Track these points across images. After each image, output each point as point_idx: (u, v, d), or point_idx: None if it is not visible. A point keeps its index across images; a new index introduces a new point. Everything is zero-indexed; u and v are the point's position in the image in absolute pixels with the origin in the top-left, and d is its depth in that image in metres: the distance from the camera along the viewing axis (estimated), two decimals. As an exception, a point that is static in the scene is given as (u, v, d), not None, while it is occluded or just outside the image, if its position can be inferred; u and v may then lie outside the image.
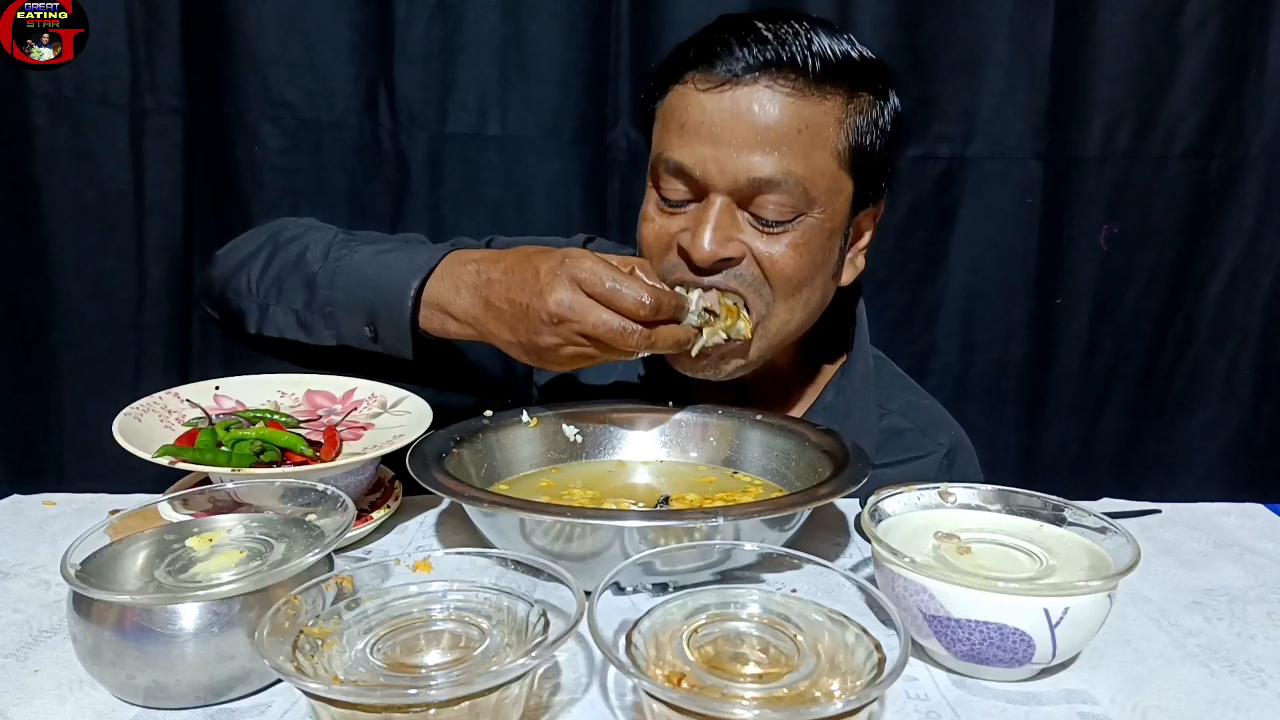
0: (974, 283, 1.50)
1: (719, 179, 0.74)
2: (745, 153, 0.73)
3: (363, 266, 0.78)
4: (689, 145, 0.75)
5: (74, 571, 0.47)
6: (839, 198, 0.78)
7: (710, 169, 0.74)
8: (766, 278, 0.77)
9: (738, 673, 0.43)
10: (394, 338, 0.76)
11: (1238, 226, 1.49)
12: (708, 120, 0.74)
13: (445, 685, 0.40)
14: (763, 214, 0.75)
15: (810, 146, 0.74)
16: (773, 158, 0.73)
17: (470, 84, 1.36)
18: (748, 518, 0.56)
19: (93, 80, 1.29)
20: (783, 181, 0.73)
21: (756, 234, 0.76)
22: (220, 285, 0.86)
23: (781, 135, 0.73)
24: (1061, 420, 1.56)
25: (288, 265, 0.82)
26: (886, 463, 0.87)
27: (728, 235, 0.75)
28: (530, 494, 0.71)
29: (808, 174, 0.74)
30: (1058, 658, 0.49)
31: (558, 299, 0.67)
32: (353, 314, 0.77)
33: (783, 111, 0.73)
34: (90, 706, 0.47)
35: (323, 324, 0.79)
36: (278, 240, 0.86)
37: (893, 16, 1.38)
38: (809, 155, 0.74)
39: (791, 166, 0.73)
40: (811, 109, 0.74)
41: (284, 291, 0.81)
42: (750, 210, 0.76)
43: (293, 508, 0.57)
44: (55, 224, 1.32)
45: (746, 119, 0.73)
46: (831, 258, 0.81)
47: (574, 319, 0.67)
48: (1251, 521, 0.76)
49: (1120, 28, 1.40)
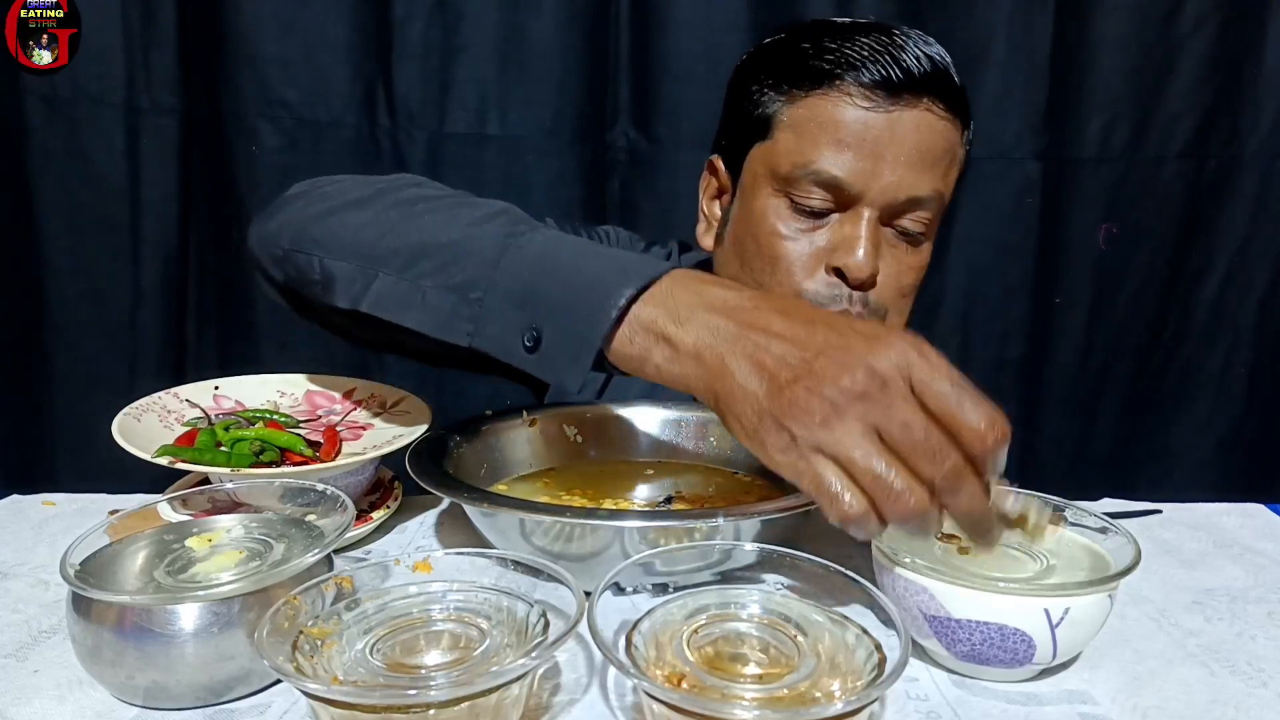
0: (972, 282, 1.50)
1: (878, 195, 0.74)
2: (906, 171, 0.73)
3: (550, 251, 0.57)
4: (845, 158, 0.73)
5: (73, 572, 0.47)
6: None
7: (871, 184, 0.73)
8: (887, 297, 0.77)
9: (738, 673, 0.43)
10: (564, 356, 0.53)
11: (1234, 226, 1.49)
12: (870, 137, 0.73)
13: (445, 686, 0.39)
14: (904, 227, 0.76)
15: (950, 167, 0.77)
16: (927, 177, 0.74)
17: (469, 83, 1.36)
18: (748, 518, 0.56)
19: (88, 79, 1.28)
20: (932, 199, 0.75)
21: (891, 249, 0.77)
22: (294, 235, 0.66)
23: (936, 156, 0.75)
24: (1059, 419, 1.56)
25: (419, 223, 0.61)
26: None
27: (877, 253, 0.75)
28: (530, 494, 0.71)
29: (946, 191, 0.77)
30: (1058, 658, 0.49)
31: (891, 360, 0.46)
32: (514, 309, 0.55)
33: (940, 135, 0.75)
34: (90, 707, 0.47)
35: (461, 310, 0.56)
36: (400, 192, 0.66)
37: (892, 17, 1.38)
38: (948, 175, 0.77)
39: (939, 186, 0.76)
40: (955, 133, 0.77)
41: (411, 257, 0.59)
42: (893, 224, 0.76)
43: (292, 508, 0.57)
44: (50, 224, 1.32)
45: (911, 139, 0.73)
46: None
47: (888, 401, 0.45)
48: (1251, 521, 0.76)
49: (1118, 28, 1.41)
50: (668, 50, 1.33)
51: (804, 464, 0.46)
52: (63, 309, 1.35)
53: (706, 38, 1.32)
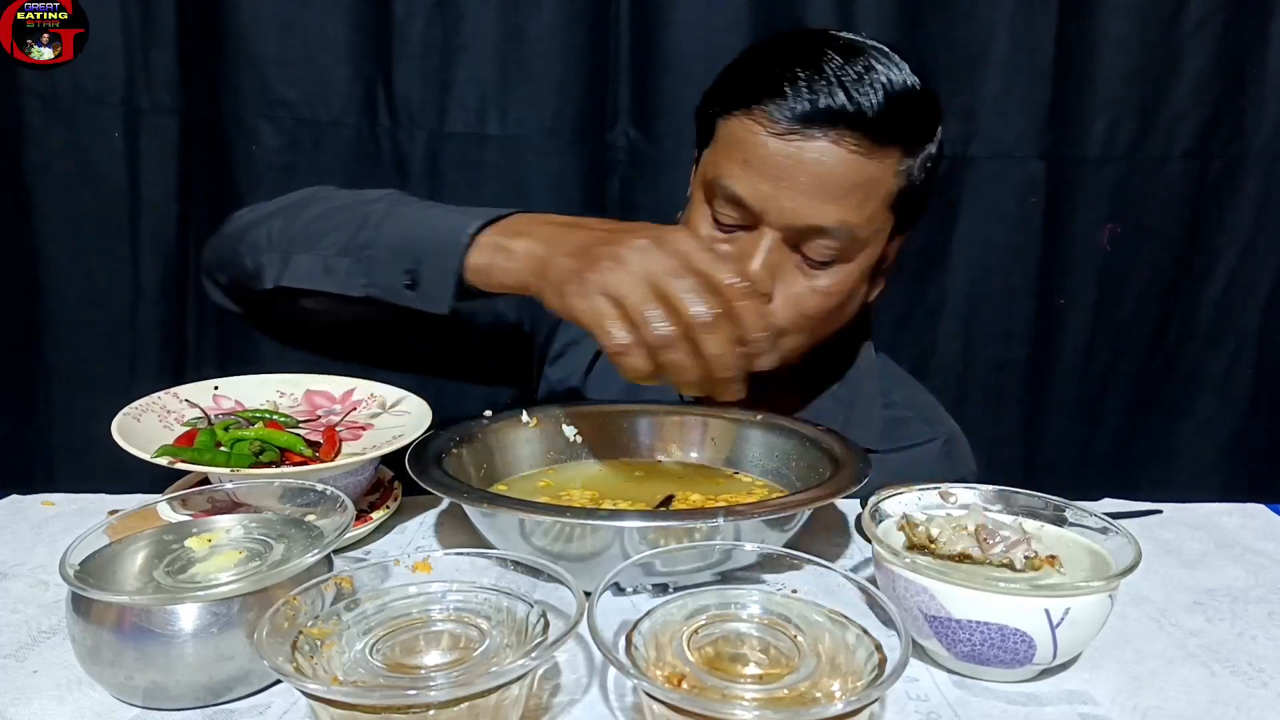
0: (975, 283, 1.50)
1: (776, 218, 0.76)
2: (805, 199, 0.75)
3: (417, 213, 0.74)
4: (751, 181, 0.76)
5: (73, 572, 0.47)
6: (880, 235, 0.81)
7: (769, 207, 0.76)
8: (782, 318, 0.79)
9: (738, 673, 0.43)
10: (435, 285, 0.69)
11: (1238, 226, 1.49)
12: (771, 162, 0.75)
13: (445, 686, 0.39)
14: (809, 254, 0.78)
15: (866, 198, 0.77)
16: (830, 208, 0.75)
17: (469, 83, 1.36)
18: (748, 518, 0.56)
19: (87, 79, 1.28)
20: (836, 230, 0.76)
21: (796, 272, 0.79)
22: (232, 243, 0.81)
23: (842, 189, 0.75)
24: (1063, 420, 1.56)
25: (324, 212, 0.77)
26: (890, 449, 0.89)
27: (772, 274, 0.78)
28: (529, 494, 0.71)
29: (858, 222, 0.77)
30: (1058, 658, 0.49)
31: (675, 235, 0.61)
32: (394, 256, 0.71)
33: (846, 167, 0.75)
34: (89, 707, 0.47)
35: (357, 269, 0.72)
36: (310, 197, 0.81)
37: (893, 16, 1.38)
38: (863, 205, 0.77)
39: (847, 217, 0.76)
40: (873, 165, 0.76)
41: (315, 237, 0.75)
42: (800, 249, 0.78)
43: (292, 508, 0.57)
44: (49, 224, 1.32)
45: (811, 169, 0.74)
46: (861, 290, 0.84)
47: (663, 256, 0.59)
48: (1252, 521, 0.76)
49: (1121, 27, 1.40)
50: (668, 50, 1.33)
51: (588, 302, 0.59)
52: (62, 309, 1.35)
53: (706, 38, 1.31)
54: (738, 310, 0.59)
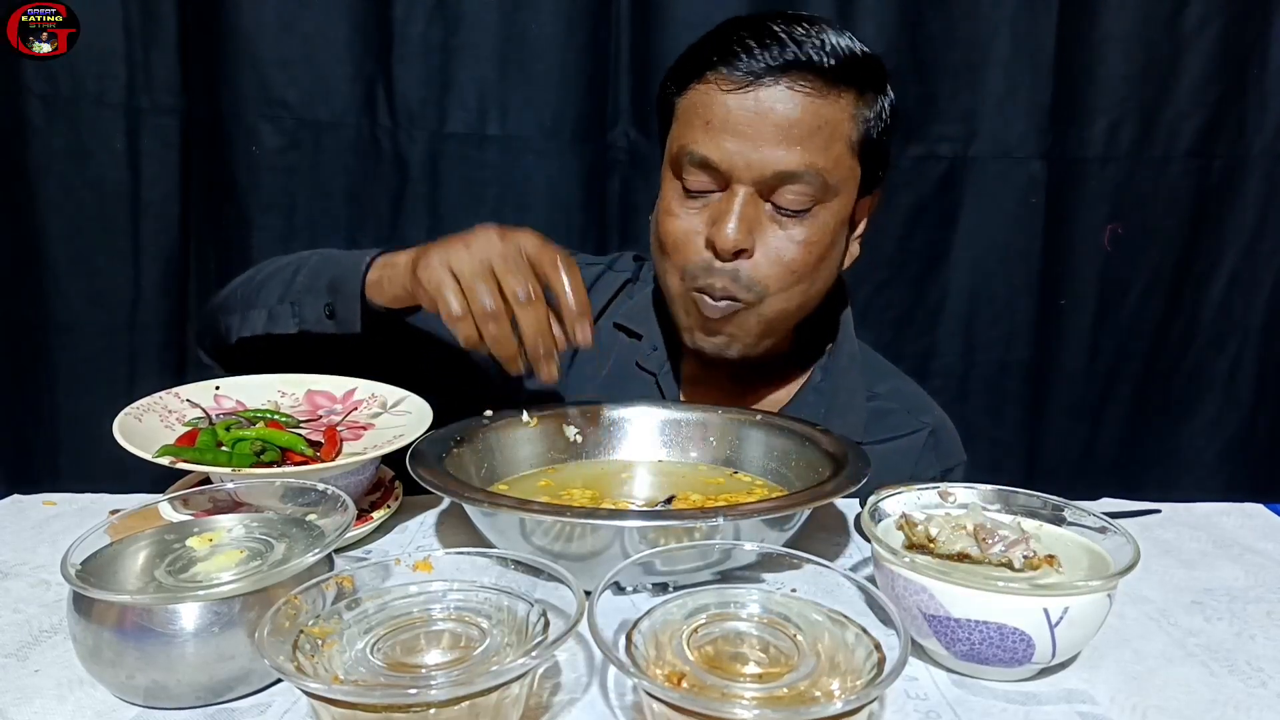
0: (976, 283, 1.50)
1: (745, 172, 0.79)
2: (769, 147, 0.78)
3: (335, 257, 0.83)
4: (715, 141, 0.79)
5: (74, 571, 0.47)
6: (851, 184, 0.83)
7: (736, 162, 0.79)
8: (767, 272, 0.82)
9: (738, 672, 0.43)
10: (345, 309, 0.79)
11: (1239, 226, 1.49)
12: (732, 118, 0.79)
13: (445, 685, 0.39)
14: (783, 203, 0.80)
15: (829, 140, 0.79)
16: (795, 151, 0.78)
17: (469, 83, 1.36)
18: (747, 518, 0.56)
19: (89, 79, 1.29)
20: (804, 174, 0.79)
21: (772, 224, 0.81)
22: (210, 314, 0.92)
23: (803, 131, 0.78)
24: (1063, 421, 1.55)
25: (268, 275, 0.87)
26: (875, 440, 0.90)
27: (750, 226, 0.80)
28: (530, 494, 0.71)
29: (826, 165, 0.79)
30: (1057, 657, 0.49)
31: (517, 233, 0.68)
32: (316, 295, 0.81)
33: (803, 110, 0.78)
34: (90, 706, 0.47)
35: (289, 311, 0.82)
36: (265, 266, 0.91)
37: (894, 16, 1.38)
38: (827, 148, 0.79)
39: (813, 159, 0.79)
40: (829, 106, 0.79)
41: (260, 294, 0.85)
42: (772, 200, 0.81)
43: (293, 508, 0.57)
44: (51, 224, 1.32)
45: (770, 117, 0.78)
46: (839, 245, 0.86)
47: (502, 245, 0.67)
48: (1251, 521, 0.76)
49: (1122, 27, 1.40)
50: (668, 50, 1.33)
51: (431, 274, 0.67)
52: (64, 309, 1.35)
53: (707, 38, 1.32)
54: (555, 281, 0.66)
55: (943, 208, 1.47)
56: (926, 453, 0.92)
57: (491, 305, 0.65)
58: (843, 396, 0.91)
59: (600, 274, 1.01)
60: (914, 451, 0.91)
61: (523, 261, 0.66)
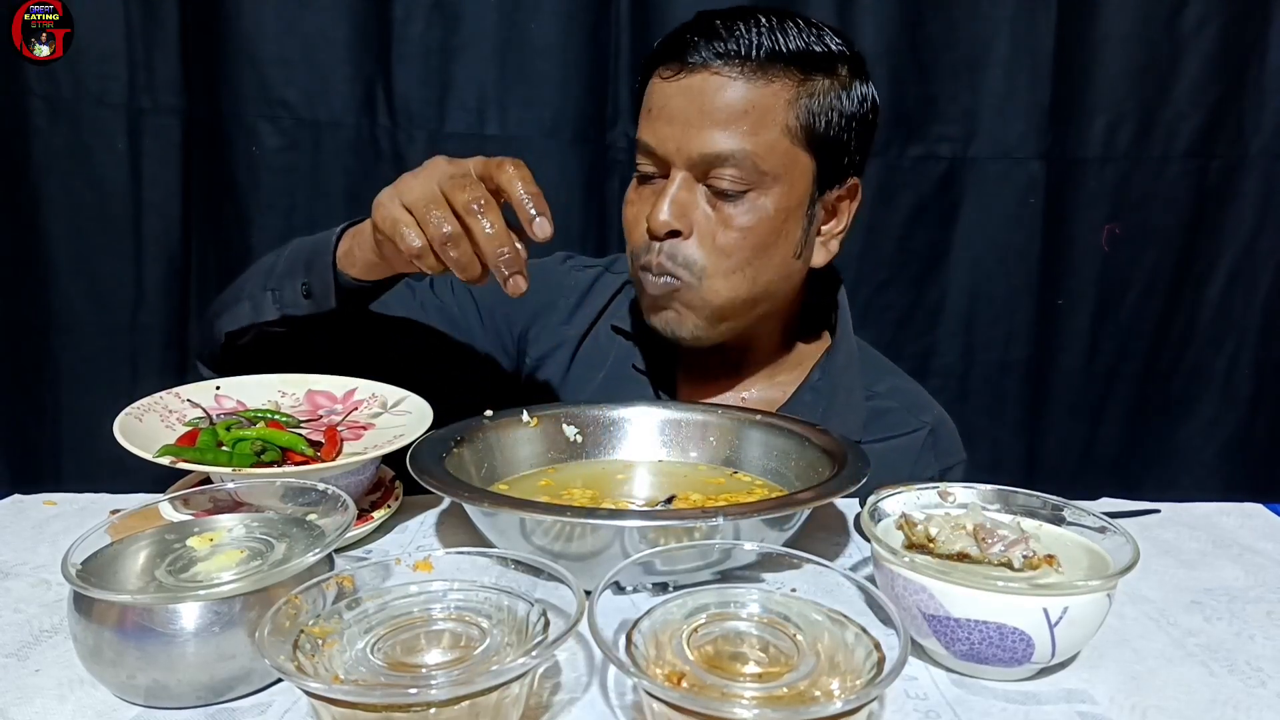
0: (975, 283, 1.50)
1: (676, 155, 0.82)
2: (698, 130, 0.81)
3: (300, 242, 0.84)
4: (652, 127, 0.84)
5: (75, 571, 0.47)
6: (796, 173, 0.83)
7: (669, 146, 0.82)
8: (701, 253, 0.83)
9: (737, 672, 0.43)
10: (322, 287, 0.79)
11: (1238, 226, 1.49)
12: (667, 104, 0.82)
13: (445, 685, 0.40)
14: (719, 186, 0.82)
15: (758, 125, 0.80)
16: (723, 134, 0.80)
17: (469, 83, 1.36)
18: (747, 517, 0.56)
19: (90, 80, 1.29)
20: (732, 155, 0.80)
21: (708, 207, 0.83)
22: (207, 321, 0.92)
23: (729, 115, 0.80)
24: (1062, 420, 1.56)
25: (252, 270, 0.88)
26: (874, 439, 0.90)
27: (682, 210, 0.82)
28: (530, 494, 0.71)
29: (756, 149, 0.80)
30: (1057, 657, 0.49)
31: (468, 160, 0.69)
32: (292, 277, 0.81)
33: (729, 94, 0.80)
34: (91, 706, 0.47)
35: (270, 297, 0.82)
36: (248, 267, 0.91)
37: (894, 16, 1.38)
38: (757, 132, 0.80)
39: (742, 143, 0.80)
40: (757, 91, 0.80)
41: (245, 287, 0.86)
42: (707, 183, 0.82)
43: (293, 507, 0.57)
44: (52, 224, 1.32)
45: (697, 101, 0.81)
46: (789, 236, 0.86)
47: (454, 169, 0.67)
48: (1251, 521, 0.76)
49: (1121, 28, 1.41)
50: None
51: (386, 212, 0.67)
52: (65, 309, 1.35)
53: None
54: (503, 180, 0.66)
55: (942, 208, 1.47)
56: (926, 451, 0.92)
57: (449, 229, 0.64)
58: (841, 395, 0.91)
59: (597, 276, 1.01)
60: (913, 450, 0.92)
61: (471, 178, 0.66)
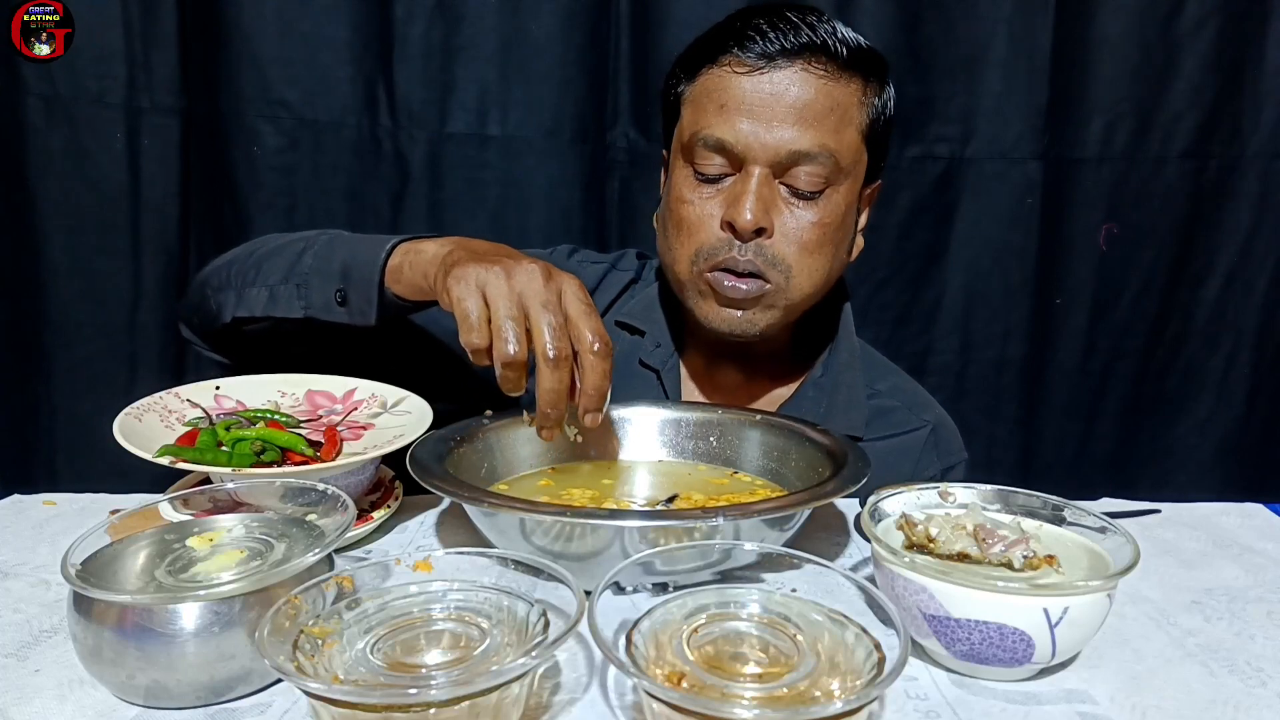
0: (973, 282, 1.50)
1: (760, 152, 0.80)
2: (783, 128, 0.80)
3: (351, 240, 0.79)
4: (729, 123, 0.80)
5: (74, 571, 0.47)
6: (859, 170, 0.85)
7: (751, 143, 0.80)
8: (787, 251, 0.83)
9: (737, 672, 0.43)
10: (361, 299, 0.75)
11: (1234, 227, 1.49)
12: (747, 100, 0.80)
13: (445, 685, 0.40)
14: (797, 184, 0.81)
15: (841, 123, 0.81)
16: (809, 133, 0.80)
17: (470, 84, 1.36)
18: (747, 517, 0.56)
19: (88, 79, 1.29)
20: (818, 154, 0.80)
21: (787, 206, 0.82)
22: (199, 288, 0.87)
23: (817, 113, 0.80)
24: (1060, 419, 1.56)
25: (270, 251, 0.83)
26: (876, 437, 0.91)
27: (766, 206, 0.81)
28: (530, 494, 0.71)
29: (838, 147, 0.81)
30: (1057, 657, 0.49)
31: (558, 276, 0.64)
32: (326, 279, 0.77)
33: (817, 92, 0.80)
34: (91, 706, 0.47)
35: (295, 294, 0.78)
36: (260, 242, 0.87)
37: (892, 17, 1.38)
38: (839, 131, 0.81)
39: (826, 140, 0.80)
40: (841, 90, 0.81)
41: (262, 271, 0.81)
42: (785, 181, 0.82)
43: (293, 507, 0.57)
44: (51, 224, 1.32)
45: (785, 98, 0.79)
46: (849, 231, 0.88)
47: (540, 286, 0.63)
48: (1251, 521, 0.76)
49: (1119, 29, 1.41)
50: (668, 50, 1.33)
51: (463, 292, 0.63)
52: (64, 309, 1.35)
53: (706, 38, 1.32)
54: (585, 362, 0.63)
55: (940, 208, 1.47)
56: (928, 450, 0.92)
57: (515, 351, 0.61)
58: (844, 393, 0.91)
59: (605, 273, 1.01)
60: (915, 449, 0.92)
61: (560, 315, 0.62)
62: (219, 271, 0.85)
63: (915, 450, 0.92)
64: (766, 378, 0.95)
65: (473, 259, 0.65)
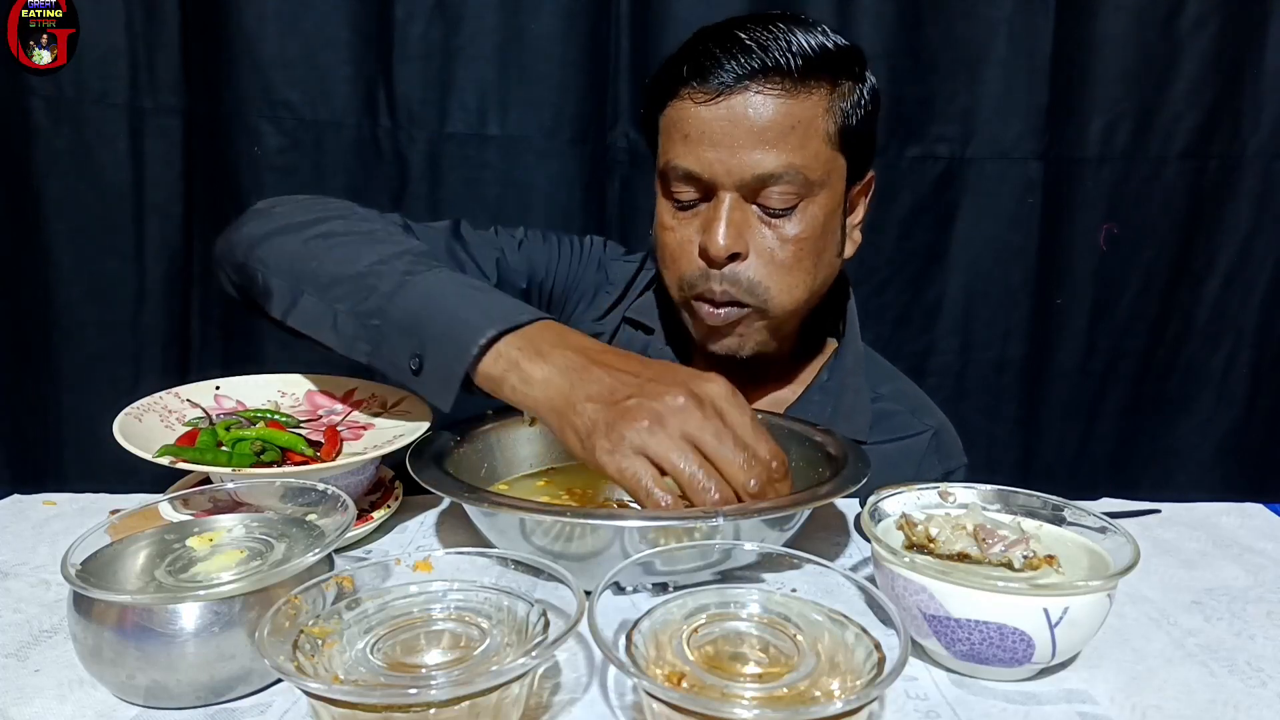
0: (973, 283, 1.50)
1: (726, 179, 0.81)
2: (746, 152, 0.79)
3: (439, 289, 0.68)
4: (694, 153, 0.81)
5: (74, 571, 0.47)
6: (835, 176, 0.84)
7: (717, 170, 0.80)
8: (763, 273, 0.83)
9: (737, 672, 0.43)
10: (438, 379, 0.65)
11: (1234, 227, 1.49)
12: (708, 129, 0.80)
13: (445, 685, 0.39)
14: (769, 204, 0.81)
15: (805, 138, 0.80)
16: (772, 154, 0.79)
17: (470, 84, 1.36)
18: (747, 517, 0.56)
19: (92, 80, 1.29)
20: (784, 173, 0.80)
21: (761, 225, 0.82)
22: (246, 250, 0.77)
23: (778, 133, 0.79)
24: (1060, 419, 1.56)
25: (339, 254, 0.72)
26: (879, 441, 0.91)
27: (739, 231, 0.81)
28: (530, 494, 0.71)
29: (805, 163, 0.80)
30: (1057, 657, 0.49)
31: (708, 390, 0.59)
32: (403, 335, 0.66)
33: (775, 112, 0.79)
34: (91, 706, 0.47)
35: (362, 334, 0.68)
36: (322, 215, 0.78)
37: (893, 17, 1.38)
38: (804, 146, 0.80)
39: (791, 159, 0.80)
40: (800, 105, 0.80)
41: (328, 283, 0.70)
42: (757, 202, 0.82)
43: (293, 507, 0.57)
44: (54, 224, 1.32)
45: (744, 124, 0.79)
46: (834, 236, 0.87)
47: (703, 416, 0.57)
48: (1251, 521, 0.76)
49: (1119, 28, 1.41)
50: (668, 50, 1.32)
51: (625, 462, 0.56)
52: (66, 309, 1.35)
53: (707, 38, 1.32)
54: (769, 491, 0.58)
55: (940, 208, 1.47)
56: (930, 455, 0.92)
57: (721, 496, 0.56)
58: (849, 396, 0.91)
59: (635, 272, 1.02)
60: (917, 453, 0.92)
61: (739, 444, 0.57)
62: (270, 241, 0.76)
63: (918, 455, 0.92)
64: (774, 381, 0.95)
65: (607, 415, 0.57)
